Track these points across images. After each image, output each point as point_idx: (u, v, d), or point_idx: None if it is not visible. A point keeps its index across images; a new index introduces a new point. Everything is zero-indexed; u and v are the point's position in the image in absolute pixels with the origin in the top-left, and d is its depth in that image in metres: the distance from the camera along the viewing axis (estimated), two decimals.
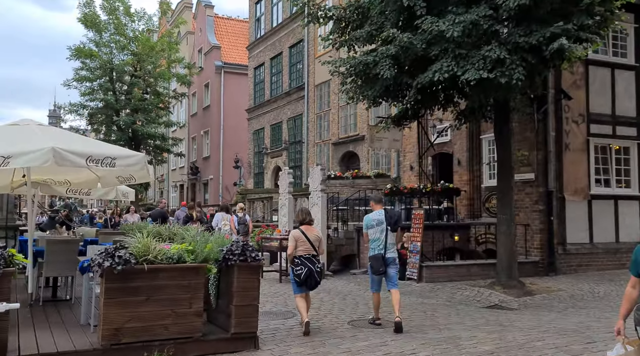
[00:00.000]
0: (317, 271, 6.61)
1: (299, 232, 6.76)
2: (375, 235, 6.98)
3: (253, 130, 28.63)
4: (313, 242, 6.71)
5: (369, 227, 7.06)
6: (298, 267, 6.59)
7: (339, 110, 21.03)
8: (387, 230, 6.92)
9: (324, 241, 7.49)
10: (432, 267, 11.79)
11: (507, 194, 11.10)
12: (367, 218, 7.21)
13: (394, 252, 7.06)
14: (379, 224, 6.96)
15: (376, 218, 7.03)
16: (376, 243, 6.97)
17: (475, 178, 14.74)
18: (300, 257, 6.62)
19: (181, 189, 39.30)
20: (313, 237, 6.76)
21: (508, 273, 10.92)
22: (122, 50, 29.64)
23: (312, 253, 6.66)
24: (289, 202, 14.69)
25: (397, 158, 17.86)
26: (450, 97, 11.70)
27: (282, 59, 25.51)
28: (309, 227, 6.85)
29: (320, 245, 6.85)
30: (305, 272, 6.53)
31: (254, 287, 5.85)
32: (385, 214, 7.05)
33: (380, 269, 6.90)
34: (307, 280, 6.56)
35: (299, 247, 6.66)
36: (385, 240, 6.91)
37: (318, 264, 6.67)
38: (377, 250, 6.96)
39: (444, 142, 15.69)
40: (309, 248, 6.66)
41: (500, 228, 11.08)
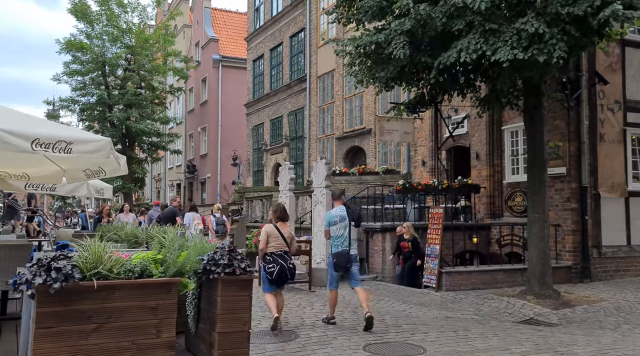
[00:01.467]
0: (289, 268, 6.49)
1: (273, 227, 6.63)
2: (338, 231, 6.93)
3: (252, 125, 27.25)
4: (287, 238, 6.61)
5: (332, 223, 6.99)
6: (270, 265, 6.46)
7: (344, 102, 19.63)
8: (350, 226, 6.91)
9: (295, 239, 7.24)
10: (453, 273, 10.39)
11: (538, 191, 9.71)
12: (330, 214, 7.13)
13: (356, 248, 7.08)
14: (342, 220, 6.93)
15: (339, 215, 6.99)
16: (340, 240, 6.91)
17: (496, 173, 13.33)
18: (272, 253, 6.49)
19: (178, 188, 37.91)
20: (287, 233, 6.65)
21: (541, 281, 9.54)
22: (115, 43, 28.21)
23: (284, 250, 6.56)
24: (289, 199, 13.28)
25: (407, 153, 16.47)
26: (471, 81, 10.35)
27: (283, 50, 24.13)
28: (283, 224, 6.75)
29: (292, 243, 6.71)
30: (278, 270, 6.41)
31: (243, 308, 4.45)
32: (347, 210, 7.04)
33: (346, 265, 6.84)
34: (278, 278, 6.45)
35: (271, 242, 6.54)
36: (348, 236, 6.88)
37: (290, 261, 6.56)
38: (341, 247, 6.89)
39: (460, 134, 14.28)
40: (281, 245, 6.55)
41: (532, 230, 9.70)
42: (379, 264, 12.19)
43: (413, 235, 11.13)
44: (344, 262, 6.85)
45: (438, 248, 10.35)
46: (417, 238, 11.16)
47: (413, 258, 11.00)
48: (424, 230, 12.24)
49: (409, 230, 11.16)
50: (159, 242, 5.06)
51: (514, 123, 12.76)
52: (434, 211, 10.73)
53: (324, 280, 11.08)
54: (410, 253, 11.07)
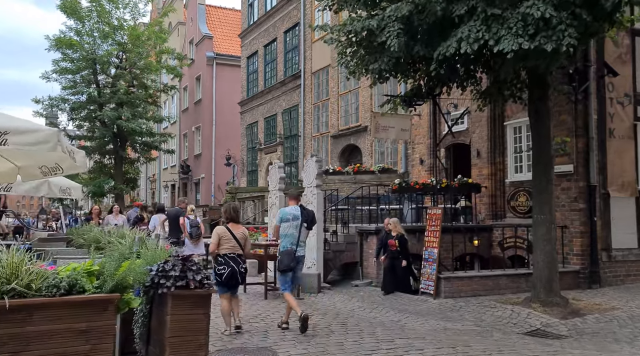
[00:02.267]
0: (240, 272, 6.37)
1: (224, 229, 6.50)
2: (289, 230, 6.88)
3: (246, 124, 26.52)
4: (239, 239, 6.47)
5: (284, 220, 6.91)
6: (221, 267, 6.32)
7: (339, 98, 18.90)
8: (301, 226, 6.86)
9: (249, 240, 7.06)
10: (452, 278, 9.65)
11: (544, 190, 8.98)
12: (283, 211, 7.07)
13: (304, 250, 7.04)
14: (295, 219, 6.87)
15: (292, 213, 6.93)
16: (288, 239, 6.86)
17: (497, 172, 12.59)
18: (225, 255, 6.36)
19: (172, 189, 37.16)
20: (239, 234, 6.52)
21: (548, 287, 8.80)
22: (106, 40, 27.45)
23: (238, 252, 6.44)
24: (279, 200, 12.55)
25: (404, 151, 15.73)
26: (471, 72, 9.63)
27: (277, 46, 23.40)
28: (235, 224, 6.60)
29: (246, 244, 6.59)
30: (228, 272, 6.28)
31: (199, 329, 3.73)
32: (301, 210, 7.01)
33: (290, 264, 6.74)
34: (229, 280, 6.32)
35: (223, 244, 6.40)
36: (298, 236, 6.85)
37: (242, 264, 6.43)
38: (289, 246, 6.84)
39: (459, 131, 13.54)
40: (234, 247, 6.42)
41: (538, 232, 8.96)
42: (374, 268, 11.44)
43: (400, 233, 10.15)
44: (289, 260, 6.75)
45: (436, 252, 9.61)
46: (404, 236, 10.18)
47: (400, 258, 10.02)
48: (421, 232, 11.50)
49: (395, 226, 10.16)
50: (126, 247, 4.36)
51: (517, 119, 12.03)
52: (432, 212, 9.99)
53: (315, 286, 10.37)
54: (397, 252, 10.06)
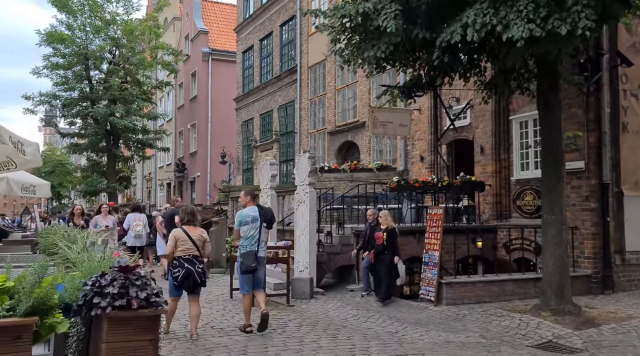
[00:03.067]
0: (197, 272, 6.34)
1: (181, 231, 6.50)
2: (249, 232, 6.86)
3: (242, 121, 25.78)
4: (196, 241, 6.45)
5: (243, 223, 6.90)
6: (176, 269, 6.33)
7: (336, 93, 18.17)
8: (261, 227, 6.87)
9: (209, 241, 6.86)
10: (455, 284, 8.93)
11: (555, 188, 8.27)
12: (242, 213, 7.02)
13: (265, 251, 7.07)
14: (254, 221, 6.88)
15: (251, 215, 6.93)
16: (249, 241, 6.84)
17: (502, 169, 11.87)
18: (180, 257, 6.35)
19: (168, 188, 36.43)
20: (196, 236, 6.51)
21: (559, 294, 8.09)
22: (98, 34, 26.72)
23: (194, 254, 6.41)
24: (271, 199, 11.85)
25: (403, 148, 15.01)
26: (475, 61, 8.92)
27: (273, 40, 22.67)
28: (192, 227, 6.58)
29: (205, 247, 6.56)
30: (183, 274, 6.27)
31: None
32: (259, 210, 7.01)
33: (252, 265, 6.71)
34: (184, 282, 6.30)
35: (179, 246, 6.40)
36: (258, 237, 6.85)
37: (199, 265, 6.40)
38: (249, 247, 6.82)
39: (462, 126, 12.82)
40: (190, 248, 6.40)
41: (547, 234, 8.25)
42: None
43: (391, 226, 9.17)
44: (251, 261, 6.71)
45: (437, 255, 8.89)
46: (395, 229, 9.22)
47: (386, 254, 9.00)
48: (421, 233, 10.79)
49: (386, 218, 9.21)
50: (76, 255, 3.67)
51: (524, 113, 11.31)
52: (433, 212, 9.27)
53: (307, 292, 9.65)
54: (383, 247, 9.00)
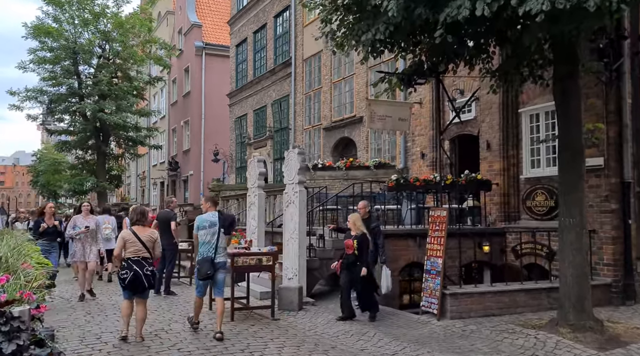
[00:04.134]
0: (145, 275, 6.25)
1: (129, 233, 6.47)
2: (206, 237, 6.76)
3: (235, 117, 24.81)
4: (145, 242, 6.39)
5: (201, 227, 6.82)
6: (124, 271, 6.27)
7: (332, 87, 17.19)
8: (219, 232, 6.77)
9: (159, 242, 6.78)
10: (460, 295, 7.96)
11: (574, 187, 7.33)
12: (200, 218, 6.95)
13: (224, 256, 6.94)
14: (212, 226, 6.78)
15: (209, 220, 6.84)
16: (207, 247, 6.73)
17: (511, 167, 10.90)
18: (129, 259, 6.29)
19: (162, 187, 35.45)
20: (146, 237, 6.45)
21: (578, 307, 7.16)
22: (86, 26, 25.72)
23: (143, 256, 6.34)
24: (259, 198, 10.90)
25: (403, 144, 14.04)
26: (483, 45, 7.99)
27: (267, 32, 21.68)
28: (141, 227, 6.56)
29: (155, 247, 6.51)
30: (130, 276, 6.19)
31: None
32: (219, 216, 6.90)
33: (207, 272, 6.60)
34: (131, 284, 6.22)
35: (128, 247, 6.35)
36: (216, 243, 6.74)
37: (148, 267, 6.31)
38: (206, 253, 6.71)
39: (466, 120, 11.87)
40: (140, 250, 6.34)
41: (565, 239, 7.30)
42: None
43: (361, 231, 7.81)
44: (206, 268, 6.59)
45: (441, 262, 7.93)
46: (366, 235, 7.86)
47: (359, 265, 7.70)
48: (422, 236, 9.84)
49: (355, 223, 7.86)
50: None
51: (535, 105, 10.35)
52: (436, 213, 8.29)
53: (295, 302, 8.68)
54: (354, 257, 7.72)
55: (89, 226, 9.51)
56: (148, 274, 6.26)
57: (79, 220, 9.67)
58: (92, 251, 9.56)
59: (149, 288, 6.37)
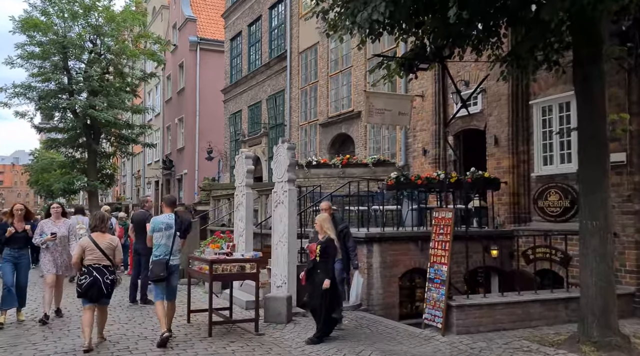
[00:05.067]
0: (104, 283, 6.08)
1: (88, 240, 6.28)
2: (161, 239, 6.55)
3: (229, 114, 23.97)
4: (105, 249, 6.21)
5: (157, 229, 6.59)
6: (83, 277, 6.12)
7: (329, 81, 16.32)
8: (175, 235, 6.58)
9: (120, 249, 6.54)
10: (468, 306, 7.08)
11: (597, 186, 6.50)
12: (156, 220, 6.76)
13: (178, 259, 6.71)
14: (168, 228, 6.58)
15: (165, 222, 6.62)
16: (161, 249, 6.55)
17: (521, 164, 10.05)
18: (89, 266, 6.12)
19: (156, 186, 34.60)
20: (105, 244, 6.26)
21: (602, 322, 6.32)
22: (75, 20, 24.84)
23: (104, 263, 6.17)
24: (247, 198, 10.03)
25: (404, 140, 13.17)
26: (493, 27, 7.15)
27: (262, 25, 20.83)
28: (101, 234, 6.37)
29: (115, 254, 6.33)
30: (89, 282, 6.03)
31: None
32: (175, 218, 6.69)
33: (161, 274, 6.41)
34: (88, 291, 6.04)
35: (87, 255, 6.16)
36: (171, 246, 6.56)
37: (108, 275, 6.15)
38: (161, 256, 6.52)
39: (472, 114, 11.00)
40: (99, 257, 6.17)
41: (588, 244, 6.46)
42: (363, 286, 8.91)
43: (328, 235, 6.65)
44: (160, 270, 6.42)
45: (445, 270, 7.06)
46: (333, 241, 6.64)
47: (319, 273, 6.51)
48: (424, 239, 8.99)
49: (322, 226, 6.74)
50: None
51: (547, 96, 9.50)
52: (440, 215, 7.41)
53: (283, 313, 7.79)
54: (314, 264, 6.59)
55: (56, 232, 7.78)
56: (108, 282, 6.12)
57: (47, 225, 7.96)
58: (64, 262, 7.94)
59: (107, 296, 6.23)
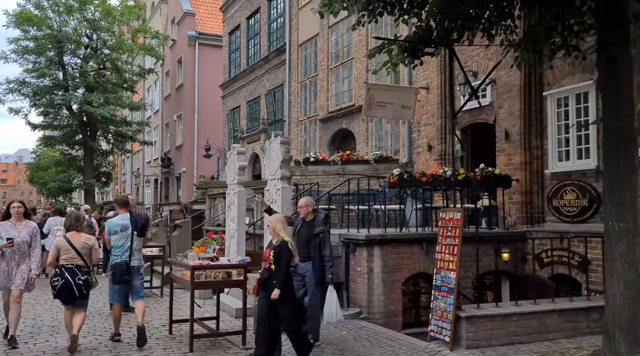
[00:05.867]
0: (77, 284, 5.86)
1: (63, 240, 6.05)
2: (119, 241, 6.47)
3: (228, 110, 23.30)
4: (80, 249, 5.99)
5: (112, 232, 6.50)
6: (55, 278, 5.90)
7: (329, 74, 15.61)
8: (132, 235, 6.50)
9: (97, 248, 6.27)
10: (479, 318, 6.37)
11: (625, 185, 5.82)
12: (110, 223, 6.67)
13: (139, 259, 6.62)
14: (124, 229, 6.49)
15: (120, 223, 6.53)
16: (120, 250, 6.45)
17: (534, 160, 9.32)
18: (62, 266, 5.92)
19: (155, 184, 33.98)
20: (80, 244, 6.02)
21: (631, 336, 5.68)
22: (70, 14, 24.20)
23: (77, 263, 5.96)
24: (239, 197, 9.33)
25: (407, 135, 12.46)
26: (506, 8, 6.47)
27: (261, 17, 20.13)
28: (76, 233, 6.13)
29: (91, 254, 6.09)
30: (61, 284, 5.83)
31: None
32: (130, 218, 6.58)
33: (124, 278, 6.32)
34: (61, 292, 5.85)
35: (62, 255, 5.95)
36: (130, 246, 6.46)
37: (81, 276, 5.92)
38: (120, 257, 6.43)
39: (481, 107, 10.30)
40: (73, 258, 5.96)
41: (614, 249, 5.77)
42: (363, 293, 8.23)
43: (281, 238, 5.50)
44: (122, 273, 6.32)
45: (454, 277, 6.35)
46: (287, 244, 5.45)
47: (274, 284, 5.37)
48: (429, 241, 8.30)
49: (274, 227, 5.55)
50: None
51: (563, 86, 8.78)
52: (447, 216, 6.70)
53: None
54: (269, 274, 5.45)
55: (14, 238, 6.13)
56: (80, 283, 5.89)
57: (4, 228, 6.29)
58: (20, 272, 6.20)
59: (81, 297, 5.96)
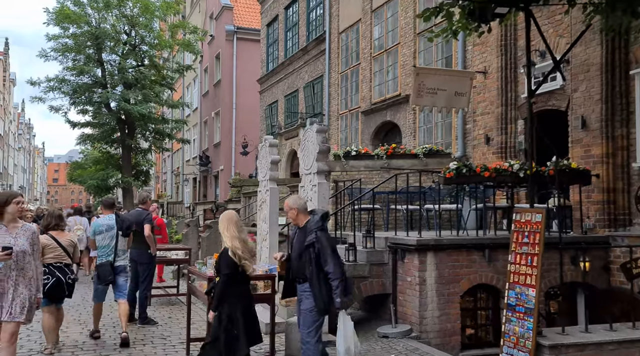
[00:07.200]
0: (67, 283, 5.91)
1: (49, 238, 5.99)
2: (104, 241, 6.54)
3: (265, 105, 22.39)
4: (66, 247, 6.03)
5: (97, 232, 6.58)
6: (45, 277, 5.67)
7: (372, 62, 14.38)
8: (117, 235, 6.57)
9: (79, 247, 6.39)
10: (566, 347, 5.04)
11: None
12: (96, 223, 6.75)
13: (124, 259, 6.69)
14: (109, 229, 6.56)
15: (105, 224, 6.61)
16: (105, 250, 6.53)
17: (618, 151, 7.86)
18: (50, 265, 5.82)
19: (194, 183, 33.54)
20: (66, 242, 6.07)
21: None
22: (108, 9, 23.86)
23: (65, 262, 6.00)
24: (270, 194, 8.26)
25: (461, 126, 11.12)
26: None
27: (299, 6, 19.10)
28: (59, 232, 6.12)
29: (75, 252, 6.17)
30: (53, 282, 5.76)
31: None
32: (116, 219, 6.67)
33: (108, 278, 6.41)
34: (52, 291, 5.74)
35: (48, 254, 5.83)
36: (115, 246, 6.54)
37: (70, 274, 6.00)
38: (105, 258, 6.50)
39: (548, 91, 8.91)
40: (62, 255, 5.95)
41: None
42: (414, 307, 7.01)
43: (227, 244, 4.52)
44: (107, 274, 6.34)
45: (533, 295, 5.06)
46: (228, 251, 4.49)
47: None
48: (492, 248, 7.02)
49: (223, 233, 4.60)
50: None
51: None
52: (524, 218, 5.38)
53: None
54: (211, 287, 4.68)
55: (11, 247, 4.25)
56: (70, 282, 5.92)
57: None
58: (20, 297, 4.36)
59: (69, 296, 6.02)
